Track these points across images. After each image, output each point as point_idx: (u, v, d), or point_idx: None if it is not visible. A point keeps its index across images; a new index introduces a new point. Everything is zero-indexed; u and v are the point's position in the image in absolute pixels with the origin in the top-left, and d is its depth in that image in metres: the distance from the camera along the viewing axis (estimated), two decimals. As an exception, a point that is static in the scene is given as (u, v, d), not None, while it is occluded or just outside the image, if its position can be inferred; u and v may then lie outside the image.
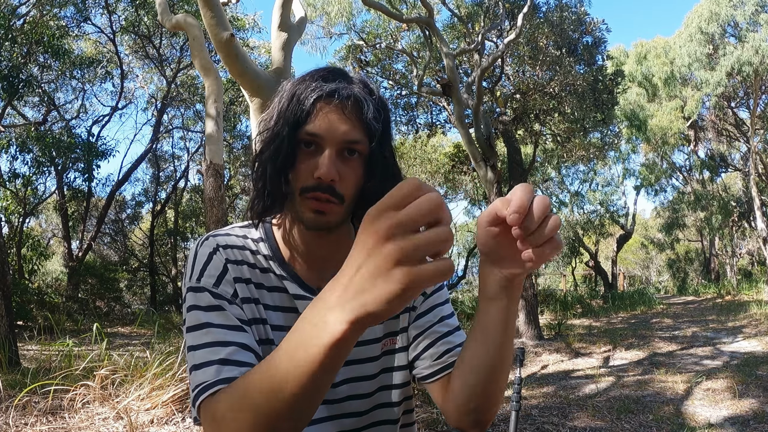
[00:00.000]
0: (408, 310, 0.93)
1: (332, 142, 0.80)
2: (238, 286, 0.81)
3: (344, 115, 0.80)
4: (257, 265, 0.86)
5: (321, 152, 0.80)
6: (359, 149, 0.81)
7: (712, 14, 14.90)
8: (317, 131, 0.79)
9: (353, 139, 0.80)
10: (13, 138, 11.63)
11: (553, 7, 11.23)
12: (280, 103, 0.84)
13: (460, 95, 9.62)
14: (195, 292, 0.79)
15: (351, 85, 0.82)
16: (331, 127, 0.79)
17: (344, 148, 0.81)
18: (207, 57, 5.19)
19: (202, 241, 0.85)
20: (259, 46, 15.26)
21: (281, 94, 0.85)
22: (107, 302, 13.30)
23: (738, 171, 21.04)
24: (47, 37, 10.76)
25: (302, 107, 0.80)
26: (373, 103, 0.82)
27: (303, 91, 0.81)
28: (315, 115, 0.80)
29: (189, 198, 17.86)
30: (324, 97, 0.80)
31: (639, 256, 32.69)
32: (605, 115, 11.35)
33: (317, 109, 0.80)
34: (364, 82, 0.85)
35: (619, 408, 4.27)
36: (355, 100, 0.81)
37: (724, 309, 12.12)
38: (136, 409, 3.36)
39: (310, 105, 0.80)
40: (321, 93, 0.80)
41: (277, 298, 0.85)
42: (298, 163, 0.81)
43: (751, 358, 6.17)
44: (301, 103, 0.80)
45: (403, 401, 0.95)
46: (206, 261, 0.82)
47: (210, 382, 0.70)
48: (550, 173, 20.25)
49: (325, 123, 0.79)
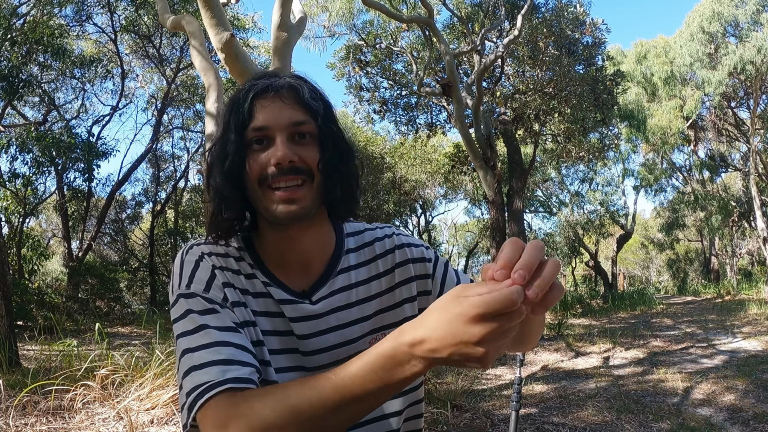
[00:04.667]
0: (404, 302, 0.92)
1: (280, 129, 0.81)
2: (227, 291, 0.81)
3: (283, 103, 0.82)
4: (241, 271, 0.86)
5: (273, 144, 0.81)
6: (308, 130, 0.83)
7: (713, 14, 14.90)
8: (262, 123, 0.81)
9: (298, 121, 0.82)
10: (13, 138, 11.61)
11: (552, 7, 11.23)
12: (222, 116, 0.86)
13: (460, 95, 9.62)
14: (187, 298, 0.79)
15: (282, 78, 0.85)
16: (274, 116, 0.81)
17: (293, 133, 0.82)
18: (207, 57, 5.18)
19: (187, 249, 0.85)
20: (259, 46, 15.27)
21: (223, 109, 0.87)
22: (107, 302, 13.29)
23: (738, 171, 21.03)
24: (47, 37, 10.75)
25: (242, 108, 0.82)
26: (308, 86, 0.85)
27: (239, 95, 0.84)
28: (256, 111, 0.82)
29: (189, 198, 17.85)
30: (260, 93, 0.82)
31: (639, 256, 32.70)
32: (605, 115, 11.35)
33: (256, 105, 0.82)
34: (295, 75, 0.88)
35: (619, 408, 4.27)
36: (289, 87, 0.83)
37: (724, 309, 12.12)
38: (137, 409, 3.36)
39: (249, 104, 0.82)
40: (256, 90, 0.82)
41: (263, 304, 0.85)
42: (252, 162, 0.81)
43: (751, 358, 6.17)
44: (241, 105, 0.82)
45: (407, 408, 0.92)
46: (194, 268, 0.82)
47: (217, 381, 0.69)
48: (550, 173, 20.26)
49: (268, 114, 0.81)
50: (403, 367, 0.61)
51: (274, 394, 0.66)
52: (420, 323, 0.60)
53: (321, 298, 0.87)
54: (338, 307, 0.88)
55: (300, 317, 0.85)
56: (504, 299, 0.54)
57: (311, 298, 0.86)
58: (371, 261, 0.93)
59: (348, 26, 13.01)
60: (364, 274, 0.92)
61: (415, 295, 0.93)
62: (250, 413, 0.65)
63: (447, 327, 0.57)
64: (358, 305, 0.89)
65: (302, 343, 0.85)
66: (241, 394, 0.68)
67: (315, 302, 0.86)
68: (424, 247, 0.97)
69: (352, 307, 0.89)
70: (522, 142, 12.87)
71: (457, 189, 18.87)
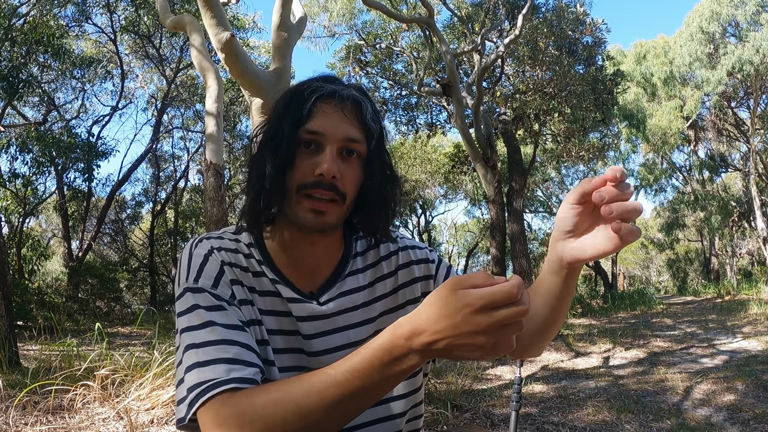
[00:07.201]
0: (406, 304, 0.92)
1: (333, 140, 0.80)
2: (235, 288, 0.81)
3: (344, 115, 0.81)
4: (250, 268, 0.85)
5: (321, 151, 0.80)
6: (358, 149, 0.82)
7: (713, 14, 14.90)
8: (318, 129, 0.80)
9: (353, 138, 0.81)
10: (13, 138, 11.62)
11: (552, 7, 11.23)
12: (278, 105, 0.85)
13: (460, 95, 9.62)
14: (194, 293, 0.77)
15: (348, 88, 0.84)
16: (332, 126, 0.80)
17: (344, 148, 0.81)
18: (207, 57, 5.19)
19: (196, 242, 0.84)
20: (259, 46, 15.27)
21: (279, 98, 0.86)
22: (107, 302, 13.28)
23: (738, 171, 21.03)
24: (47, 37, 10.76)
25: (302, 106, 0.81)
26: (371, 105, 0.84)
27: (302, 91, 0.82)
28: (315, 114, 0.81)
29: (189, 198, 17.85)
30: (324, 97, 0.81)
31: (639, 256, 32.69)
32: (605, 115, 11.34)
33: (317, 108, 0.81)
34: (359, 87, 0.87)
35: (619, 408, 4.27)
36: (354, 101, 0.82)
37: (724, 309, 12.12)
38: (137, 409, 3.36)
39: (311, 104, 0.80)
40: (321, 93, 0.81)
41: (270, 302, 0.84)
42: (298, 161, 0.81)
43: (751, 358, 6.17)
44: (301, 102, 0.81)
45: (410, 409, 0.92)
46: (202, 262, 0.81)
47: (221, 379, 0.69)
48: (550, 173, 20.26)
49: (326, 121, 0.80)
50: (401, 360, 0.62)
51: (275, 392, 0.66)
52: (416, 316, 0.61)
53: (329, 300, 0.87)
54: (346, 309, 0.88)
55: (308, 317, 0.85)
56: (504, 293, 0.57)
57: (319, 299, 0.87)
58: (376, 263, 0.94)
59: (348, 26, 13.01)
60: (370, 276, 0.92)
61: (418, 296, 0.93)
62: (251, 412, 0.65)
63: (446, 319, 0.58)
64: (363, 307, 0.89)
65: (307, 343, 0.85)
66: (243, 393, 0.68)
67: (323, 303, 0.86)
68: (427, 250, 0.98)
69: (357, 309, 0.89)
70: (522, 142, 12.86)
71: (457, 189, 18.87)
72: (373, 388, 0.64)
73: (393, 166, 0.89)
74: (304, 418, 0.63)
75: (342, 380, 0.63)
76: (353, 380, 0.63)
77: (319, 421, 0.64)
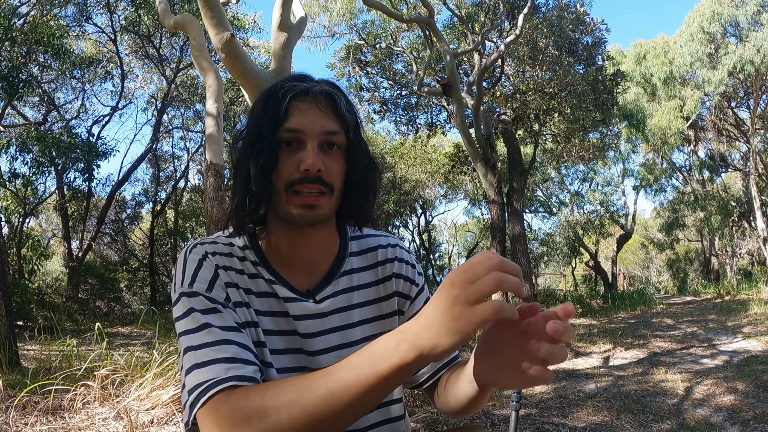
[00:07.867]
0: (396, 313, 0.95)
1: (312, 135, 0.82)
2: (229, 291, 0.82)
3: (319, 110, 0.84)
4: (245, 271, 0.86)
5: (302, 148, 0.82)
6: (338, 141, 0.85)
7: (713, 14, 14.90)
8: (297, 126, 0.82)
9: (332, 130, 0.84)
10: (13, 138, 11.62)
11: (552, 7, 11.22)
12: (254, 109, 0.87)
13: (460, 95, 9.62)
14: (189, 297, 0.79)
15: (320, 83, 0.87)
16: (309, 122, 0.83)
17: (324, 142, 0.84)
18: (207, 57, 5.18)
19: (190, 248, 0.85)
20: (259, 46, 15.27)
21: (255, 102, 0.88)
22: (107, 302, 13.28)
23: (738, 171, 21.03)
24: (47, 37, 10.75)
25: (279, 107, 0.83)
26: (344, 97, 0.87)
27: (276, 93, 0.84)
28: (292, 112, 0.83)
29: (189, 198, 17.84)
30: (298, 95, 0.84)
31: (639, 256, 32.69)
32: (605, 115, 11.34)
33: (293, 107, 0.83)
34: (329, 82, 0.89)
35: (619, 408, 4.27)
36: (327, 95, 0.85)
37: (724, 309, 12.12)
38: (137, 409, 3.36)
39: (287, 104, 0.83)
40: (295, 91, 0.84)
41: (266, 303, 0.85)
42: (281, 161, 0.83)
43: (751, 358, 6.16)
44: (277, 103, 0.83)
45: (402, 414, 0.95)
46: (197, 267, 0.82)
47: (220, 378, 0.69)
48: (550, 173, 20.26)
49: (303, 118, 0.83)
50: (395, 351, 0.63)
51: (273, 389, 0.66)
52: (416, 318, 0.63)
53: (325, 298, 0.88)
54: (341, 307, 0.89)
55: (305, 315, 0.86)
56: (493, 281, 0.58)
57: (315, 297, 0.87)
58: (373, 266, 0.95)
59: (348, 26, 13.00)
60: (366, 278, 0.94)
61: (395, 310, 0.95)
62: (250, 408, 0.65)
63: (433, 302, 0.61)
64: (358, 308, 0.91)
65: (307, 342, 0.85)
66: (242, 390, 0.68)
67: (319, 301, 0.87)
68: (418, 273, 0.99)
69: (353, 309, 0.90)
70: (522, 142, 12.86)
71: (457, 189, 18.85)
72: (370, 384, 0.63)
73: (371, 153, 0.91)
74: (302, 415, 0.63)
75: (341, 378, 0.64)
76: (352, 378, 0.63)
77: (318, 419, 0.64)
